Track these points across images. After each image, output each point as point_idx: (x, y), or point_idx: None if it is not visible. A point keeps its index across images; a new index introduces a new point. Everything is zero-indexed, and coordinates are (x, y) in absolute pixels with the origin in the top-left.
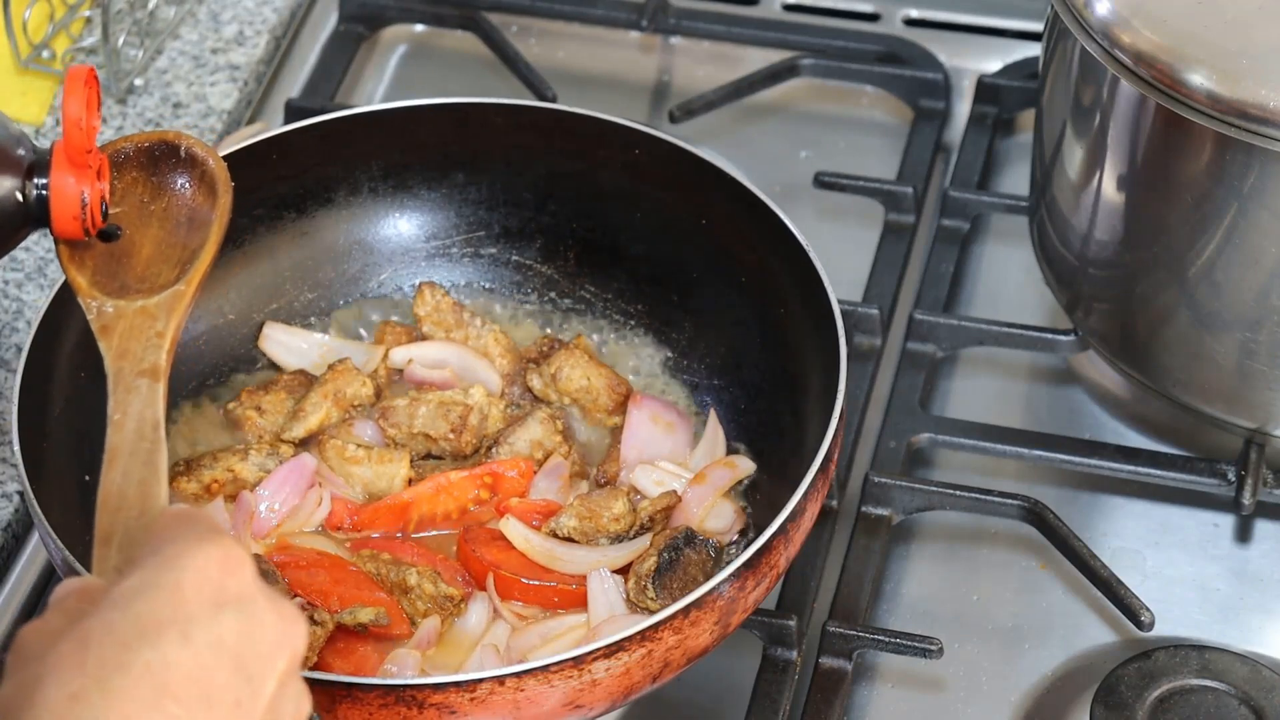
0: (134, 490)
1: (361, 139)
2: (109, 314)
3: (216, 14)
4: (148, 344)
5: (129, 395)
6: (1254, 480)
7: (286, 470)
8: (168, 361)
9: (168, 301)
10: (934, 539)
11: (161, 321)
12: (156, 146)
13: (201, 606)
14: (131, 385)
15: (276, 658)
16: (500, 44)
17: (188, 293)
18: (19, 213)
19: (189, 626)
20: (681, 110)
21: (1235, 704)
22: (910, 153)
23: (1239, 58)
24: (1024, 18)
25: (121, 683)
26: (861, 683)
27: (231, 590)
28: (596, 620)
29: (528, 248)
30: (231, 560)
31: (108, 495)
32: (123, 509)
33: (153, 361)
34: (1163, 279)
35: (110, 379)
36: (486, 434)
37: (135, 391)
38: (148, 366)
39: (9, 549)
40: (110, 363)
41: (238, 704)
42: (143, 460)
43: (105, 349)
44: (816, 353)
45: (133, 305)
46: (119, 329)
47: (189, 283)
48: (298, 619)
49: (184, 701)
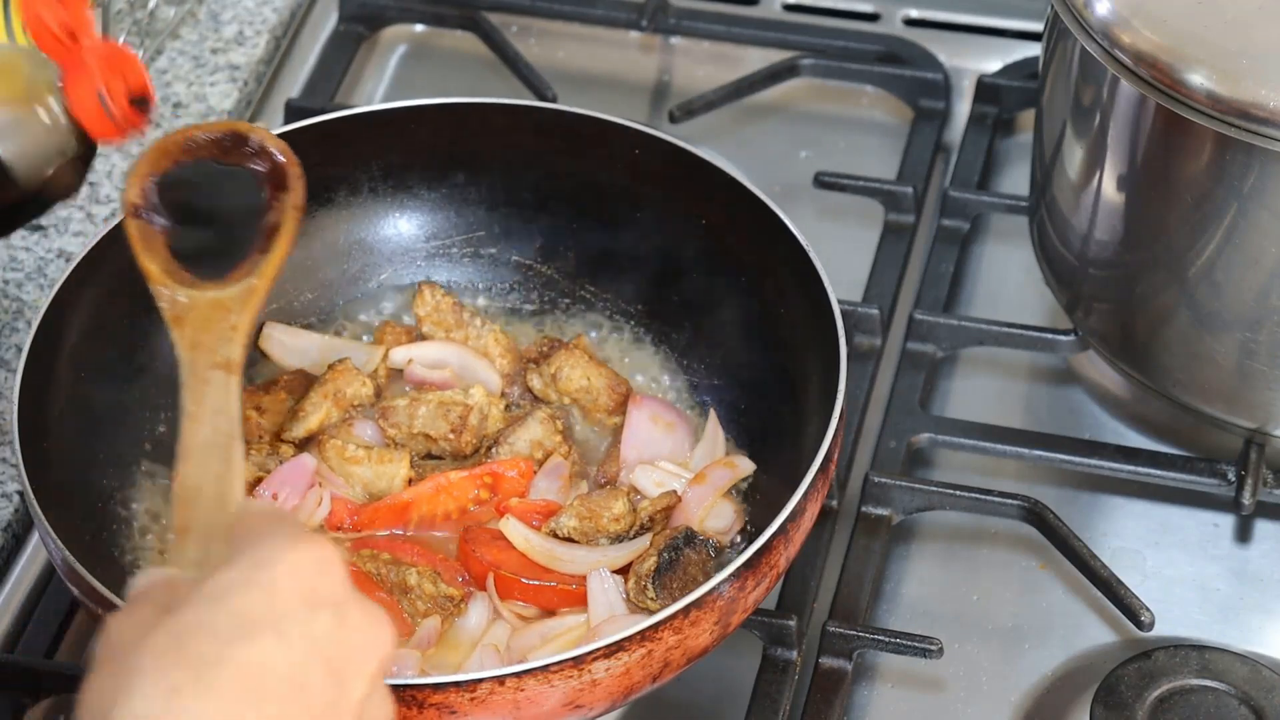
0: (210, 485)
1: (361, 139)
2: (182, 304)
3: (216, 14)
4: (222, 336)
5: (203, 387)
6: (1254, 480)
7: (286, 470)
8: (243, 355)
9: (241, 294)
10: (934, 539)
11: (236, 314)
12: (226, 137)
13: (296, 606)
14: (206, 377)
15: (367, 660)
16: (500, 44)
17: (262, 286)
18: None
19: (284, 625)
20: (681, 110)
21: (1235, 704)
22: (910, 153)
23: (1239, 58)
24: (1024, 18)
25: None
26: (861, 683)
27: (325, 592)
28: (596, 620)
29: (528, 248)
30: (325, 562)
31: (185, 489)
32: (200, 503)
33: (226, 355)
34: (1163, 279)
35: (184, 370)
36: (486, 434)
37: (210, 383)
38: (221, 360)
39: (9, 549)
40: (183, 353)
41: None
42: (219, 454)
43: (178, 338)
44: (816, 353)
45: (205, 296)
46: (191, 319)
47: (263, 276)
48: (387, 624)
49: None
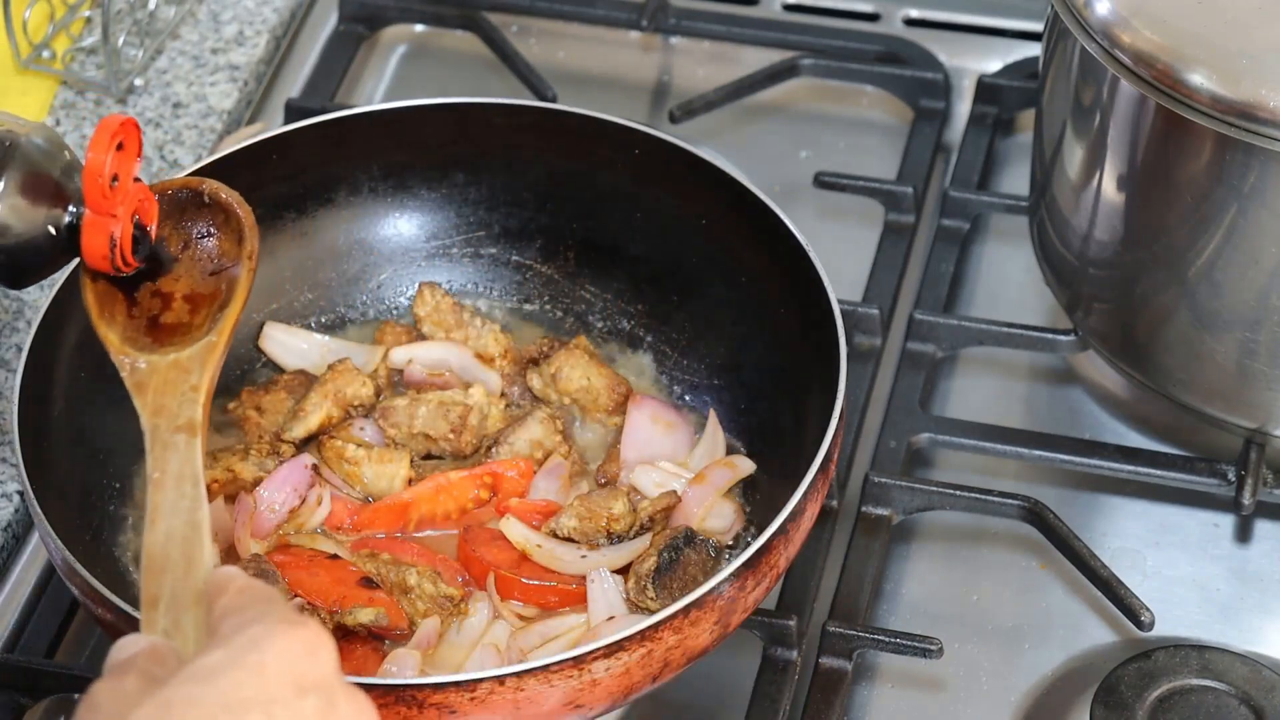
0: (177, 550)
1: (361, 139)
2: (142, 370)
3: (216, 14)
4: (183, 399)
5: (166, 452)
6: (1254, 480)
7: (286, 470)
8: (204, 414)
9: (200, 353)
10: (934, 539)
11: (195, 374)
12: (180, 193)
13: (285, 690)
14: (169, 442)
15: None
16: (500, 44)
17: (220, 343)
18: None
19: (272, 708)
20: (681, 110)
21: (1235, 704)
22: (910, 153)
23: (1239, 58)
24: (1024, 18)
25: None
26: (861, 683)
27: (313, 676)
28: (596, 620)
29: (528, 248)
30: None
31: (152, 556)
32: (168, 569)
33: (189, 416)
34: (1163, 279)
35: (147, 436)
36: (486, 434)
37: (173, 448)
38: (184, 422)
39: (9, 549)
40: (146, 420)
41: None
42: (184, 518)
43: (140, 406)
44: (816, 353)
45: (165, 359)
46: (153, 385)
47: (220, 333)
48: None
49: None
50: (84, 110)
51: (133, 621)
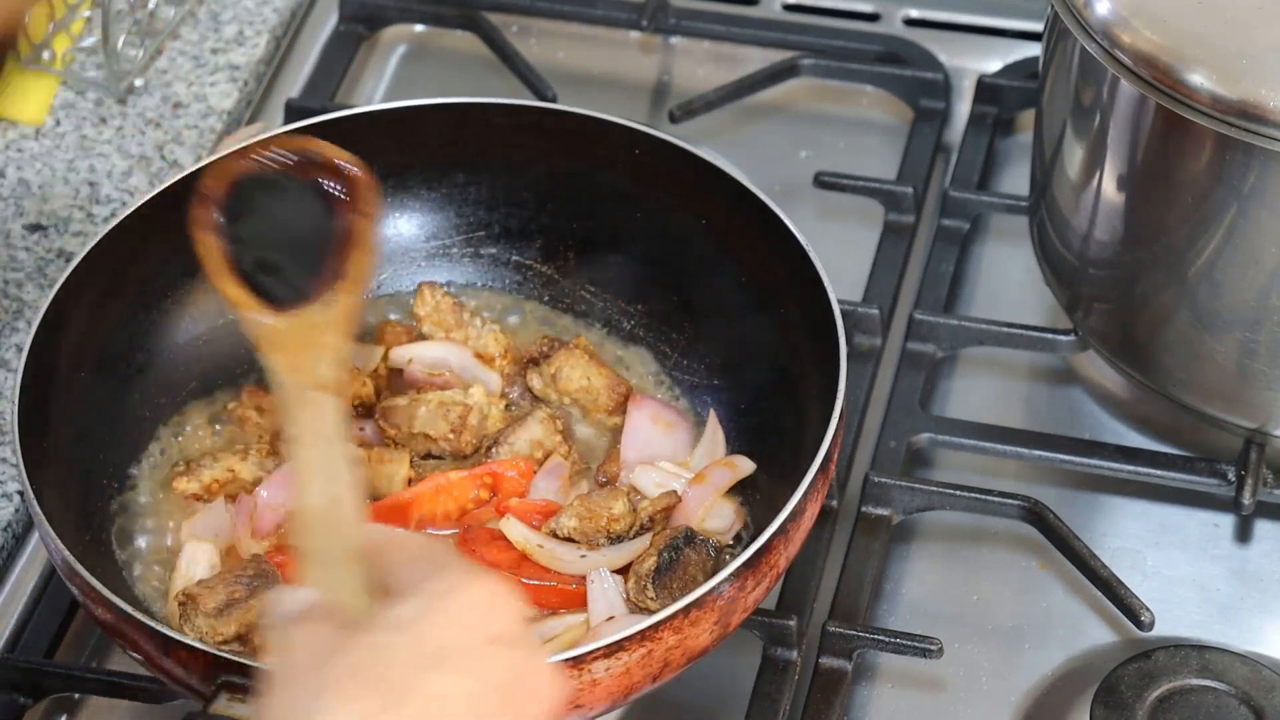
0: (326, 508)
1: (361, 139)
2: (272, 328)
3: (216, 14)
4: (318, 357)
5: (305, 410)
6: (1254, 480)
7: (287, 470)
8: (343, 373)
9: (336, 312)
10: (934, 539)
11: (330, 333)
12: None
13: (477, 640)
14: (307, 400)
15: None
16: (500, 44)
17: (356, 302)
18: None
19: (467, 659)
20: (681, 110)
21: (1235, 704)
22: (910, 153)
23: (1239, 58)
24: (1024, 18)
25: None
26: (861, 683)
27: (503, 628)
28: (596, 620)
29: (528, 248)
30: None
31: (303, 514)
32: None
33: (326, 375)
34: (1163, 279)
35: (284, 395)
36: (486, 434)
37: (313, 406)
38: (321, 380)
39: (9, 549)
40: (281, 377)
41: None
42: (331, 478)
43: (272, 364)
44: (816, 353)
45: (298, 318)
46: (285, 343)
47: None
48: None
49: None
50: (84, 110)
51: (133, 622)
